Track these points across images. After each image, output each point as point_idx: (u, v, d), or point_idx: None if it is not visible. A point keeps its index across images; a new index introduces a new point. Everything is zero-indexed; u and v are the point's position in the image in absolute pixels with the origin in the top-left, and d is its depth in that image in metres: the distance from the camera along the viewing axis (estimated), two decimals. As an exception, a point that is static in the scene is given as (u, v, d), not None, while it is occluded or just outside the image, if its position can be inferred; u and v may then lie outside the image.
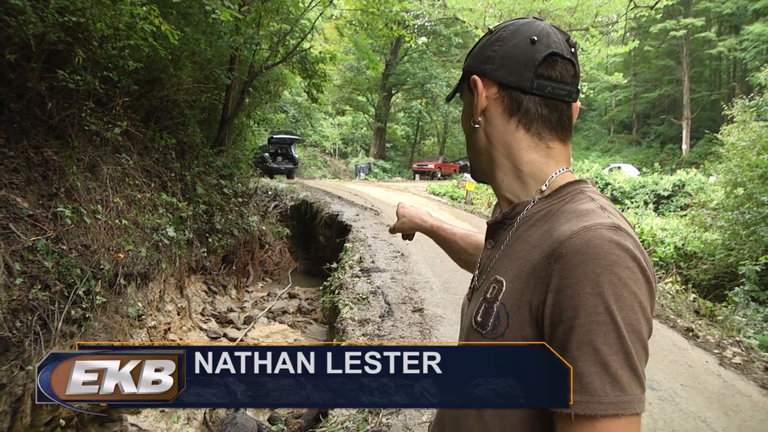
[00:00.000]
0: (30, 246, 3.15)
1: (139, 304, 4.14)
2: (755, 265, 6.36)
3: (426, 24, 26.83)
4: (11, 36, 3.47)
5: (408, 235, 1.23)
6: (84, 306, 3.34)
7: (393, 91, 28.21)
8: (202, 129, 7.66)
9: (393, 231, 1.23)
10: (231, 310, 6.66)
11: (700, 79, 33.08)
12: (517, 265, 0.68)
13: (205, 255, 6.57)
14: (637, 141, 35.00)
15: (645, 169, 21.19)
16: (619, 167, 21.36)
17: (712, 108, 29.68)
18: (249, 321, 6.31)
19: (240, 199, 7.88)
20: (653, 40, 31.61)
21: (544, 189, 0.73)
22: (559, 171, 0.74)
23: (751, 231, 7.26)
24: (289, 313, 6.84)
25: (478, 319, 0.70)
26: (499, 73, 0.73)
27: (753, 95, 9.99)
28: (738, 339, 4.31)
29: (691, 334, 4.33)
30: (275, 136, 17.17)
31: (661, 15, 24.69)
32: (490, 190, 9.66)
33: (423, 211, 1.20)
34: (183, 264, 5.67)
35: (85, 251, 3.59)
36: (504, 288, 0.67)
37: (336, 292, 5.31)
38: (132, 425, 3.60)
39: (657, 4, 15.40)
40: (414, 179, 22.96)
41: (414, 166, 24.62)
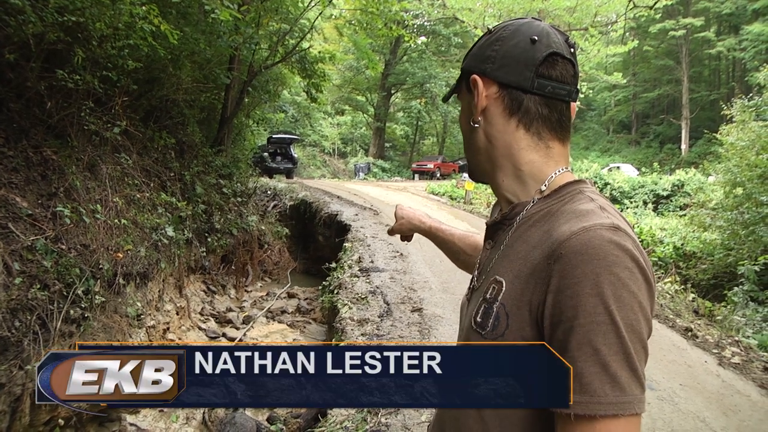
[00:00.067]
0: (29, 245, 3.15)
1: (138, 303, 4.14)
2: (754, 265, 6.36)
3: (425, 24, 26.84)
4: (11, 35, 3.47)
5: (406, 237, 1.23)
6: (83, 305, 3.33)
7: (392, 91, 28.21)
8: (201, 128, 7.65)
9: (391, 232, 1.23)
10: (230, 309, 6.65)
11: (699, 79, 33.12)
12: (517, 266, 0.68)
13: (204, 255, 6.56)
14: (637, 141, 35.01)
15: (644, 169, 21.15)
16: (618, 167, 21.33)
17: (711, 108, 29.72)
18: (248, 321, 6.31)
19: (239, 199, 7.88)
20: (652, 40, 31.63)
21: (543, 189, 0.73)
22: (559, 171, 0.74)
23: (750, 231, 7.26)
24: (288, 313, 6.84)
25: (477, 320, 0.70)
26: (500, 73, 0.73)
27: (752, 95, 9.98)
28: (737, 339, 4.32)
29: (690, 333, 4.33)
30: (274, 135, 17.14)
31: (661, 15, 24.71)
32: (489, 189, 9.68)
33: (421, 213, 1.19)
34: (182, 263, 5.66)
35: (84, 251, 3.59)
36: (504, 288, 0.67)
37: (335, 291, 5.30)
38: (131, 425, 3.60)
39: (656, 4, 15.43)
40: (413, 179, 22.95)
41: (413, 165, 24.63)
